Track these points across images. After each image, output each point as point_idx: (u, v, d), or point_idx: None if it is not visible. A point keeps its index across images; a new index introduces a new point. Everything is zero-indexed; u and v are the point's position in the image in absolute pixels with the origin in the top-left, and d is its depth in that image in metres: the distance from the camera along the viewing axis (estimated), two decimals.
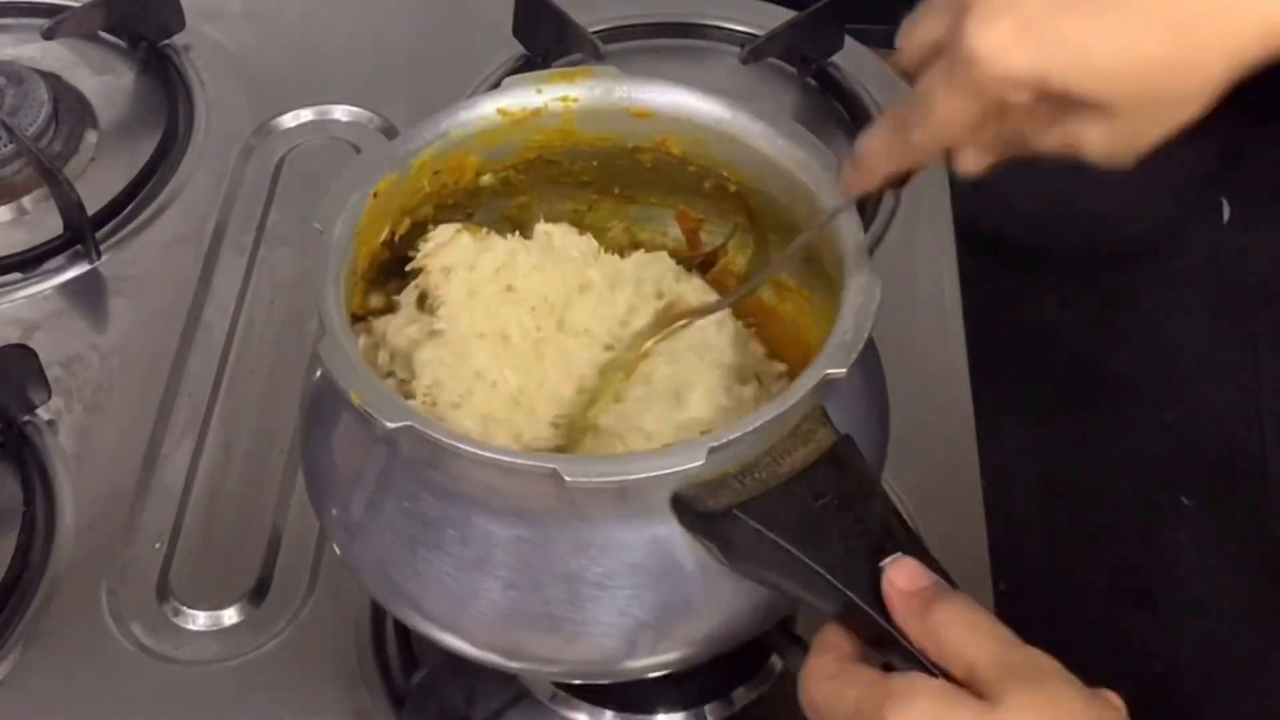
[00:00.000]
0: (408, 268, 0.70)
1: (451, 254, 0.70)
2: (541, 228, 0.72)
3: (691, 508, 0.58)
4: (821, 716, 0.56)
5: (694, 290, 0.72)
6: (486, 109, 0.69)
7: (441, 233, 0.70)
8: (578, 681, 0.74)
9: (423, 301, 0.70)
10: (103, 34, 1.11)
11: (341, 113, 1.06)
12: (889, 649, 0.55)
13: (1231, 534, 0.88)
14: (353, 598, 0.79)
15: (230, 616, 0.80)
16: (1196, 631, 0.84)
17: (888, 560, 0.55)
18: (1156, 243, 1.03)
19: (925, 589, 0.54)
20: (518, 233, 0.72)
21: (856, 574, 0.55)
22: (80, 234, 0.96)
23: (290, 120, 1.06)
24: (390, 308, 0.70)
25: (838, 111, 1.04)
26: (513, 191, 0.73)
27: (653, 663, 0.63)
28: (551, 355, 0.68)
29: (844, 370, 0.58)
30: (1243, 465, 0.91)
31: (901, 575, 0.55)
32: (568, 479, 0.56)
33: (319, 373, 0.67)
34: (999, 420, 0.87)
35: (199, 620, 0.80)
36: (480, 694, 0.75)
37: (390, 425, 0.57)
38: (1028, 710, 0.51)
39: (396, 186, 0.67)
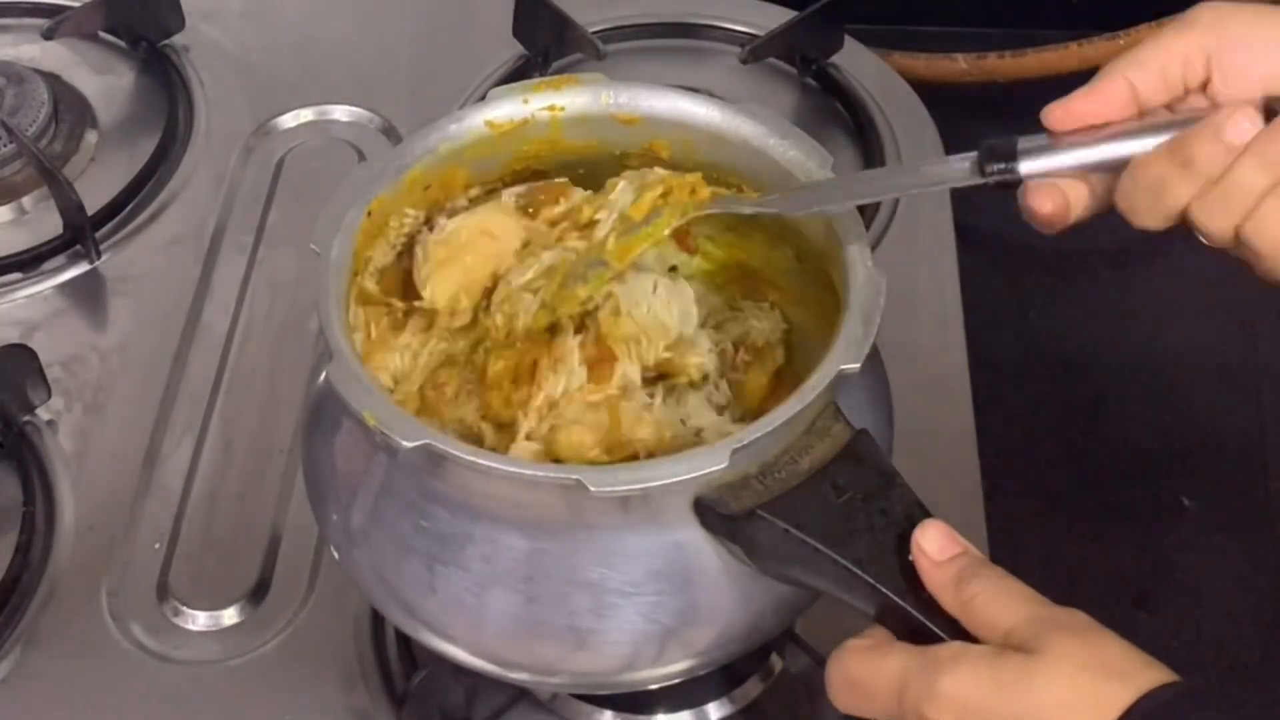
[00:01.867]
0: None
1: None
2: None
3: (714, 510, 0.58)
4: (856, 691, 0.56)
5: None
6: (474, 121, 0.69)
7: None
8: (598, 692, 0.74)
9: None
10: (103, 34, 1.11)
11: (341, 113, 1.06)
12: (922, 639, 0.55)
13: (1231, 534, 0.88)
14: (353, 598, 0.79)
15: (230, 617, 0.80)
16: (1196, 631, 0.84)
17: (916, 528, 0.56)
18: (1156, 242, 1.03)
19: (955, 558, 0.55)
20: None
21: (886, 566, 0.56)
22: (80, 234, 0.96)
23: (290, 120, 1.06)
24: None
25: (838, 111, 1.04)
26: None
27: (676, 669, 0.63)
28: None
29: (858, 365, 0.59)
30: (1243, 465, 0.91)
31: (931, 543, 0.56)
32: (592, 489, 0.56)
33: (320, 379, 0.67)
34: (999, 420, 0.87)
35: (199, 620, 0.80)
36: (480, 694, 0.75)
37: (408, 444, 0.57)
38: (1069, 658, 0.51)
39: (388, 204, 0.67)
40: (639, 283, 0.68)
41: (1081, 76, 1.09)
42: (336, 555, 0.66)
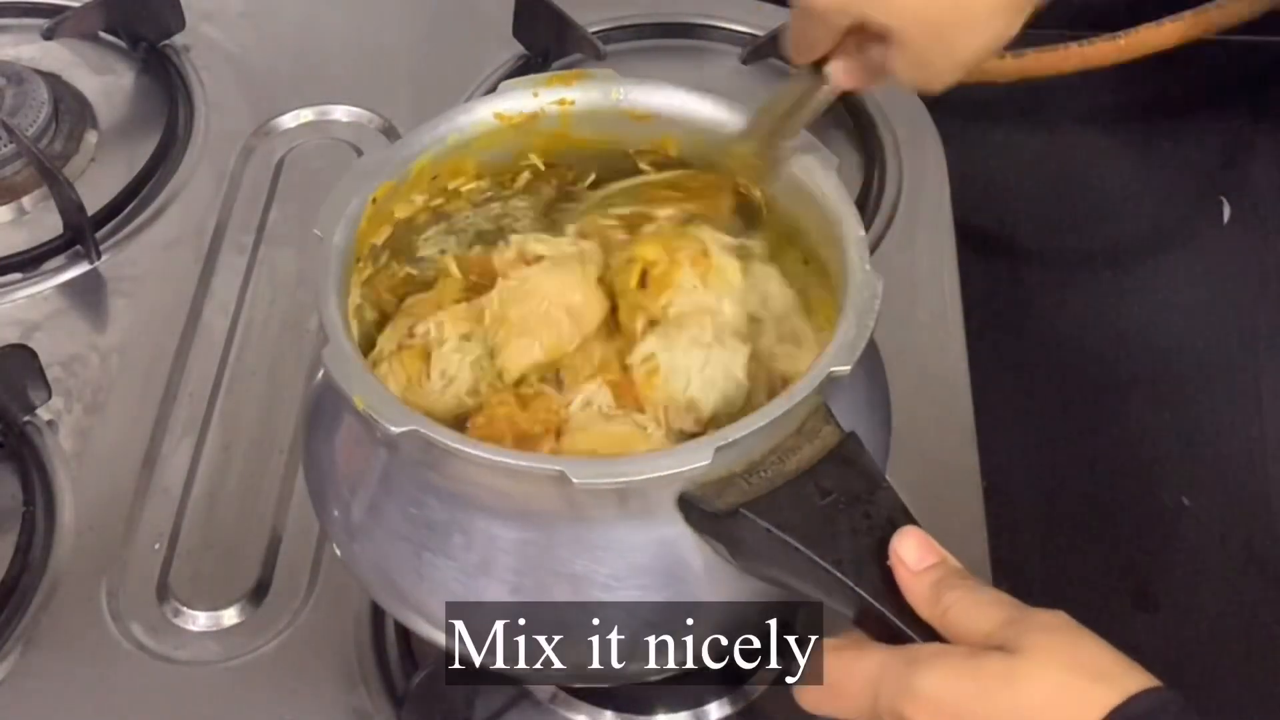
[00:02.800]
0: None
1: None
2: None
3: (698, 508, 0.58)
4: (828, 690, 0.55)
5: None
6: (483, 113, 0.69)
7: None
8: (583, 685, 0.74)
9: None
10: (103, 34, 1.11)
11: (341, 113, 1.06)
12: (900, 644, 0.55)
13: (1231, 534, 0.88)
14: (353, 598, 0.79)
15: (230, 617, 0.80)
16: (1196, 631, 0.84)
17: (894, 535, 0.56)
18: (1156, 242, 1.03)
19: (933, 568, 0.55)
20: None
21: (866, 570, 0.56)
22: (80, 234, 0.96)
23: (290, 120, 1.06)
24: None
25: (839, 112, 1.04)
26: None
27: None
28: None
29: (848, 368, 0.58)
30: (1243, 465, 0.91)
31: (910, 552, 0.55)
32: (575, 480, 0.56)
33: (320, 375, 0.67)
34: (999, 420, 0.87)
35: (199, 621, 0.80)
36: (480, 694, 0.75)
37: (395, 430, 0.57)
38: (1048, 656, 0.51)
39: (394, 192, 0.67)
40: (689, 355, 0.66)
41: (1081, 77, 1.09)
42: (338, 551, 0.66)
